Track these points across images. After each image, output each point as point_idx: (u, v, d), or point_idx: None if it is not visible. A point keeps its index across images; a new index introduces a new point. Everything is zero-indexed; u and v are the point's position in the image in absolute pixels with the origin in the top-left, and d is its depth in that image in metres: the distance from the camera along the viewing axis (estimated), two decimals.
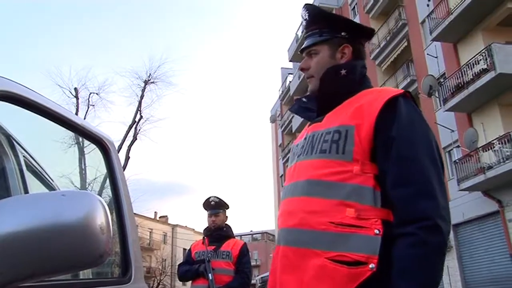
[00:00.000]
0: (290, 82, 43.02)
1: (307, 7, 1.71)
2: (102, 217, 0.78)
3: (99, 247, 0.77)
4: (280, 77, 48.53)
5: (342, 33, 1.64)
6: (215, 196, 4.69)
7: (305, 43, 1.69)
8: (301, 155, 1.55)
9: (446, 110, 19.82)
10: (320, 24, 1.67)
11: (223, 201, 4.69)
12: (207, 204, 4.65)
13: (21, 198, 0.82)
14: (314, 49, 1.66)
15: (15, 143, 1.41)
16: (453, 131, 20.56)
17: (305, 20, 1.71)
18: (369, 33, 1.74)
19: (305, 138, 1.59)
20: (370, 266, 1.27)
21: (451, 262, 20.52)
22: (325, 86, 1.61)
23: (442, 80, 20.68)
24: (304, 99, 1.73)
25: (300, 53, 1.76)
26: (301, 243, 1.40)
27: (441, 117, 21.31)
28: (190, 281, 4.57)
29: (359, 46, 1.69)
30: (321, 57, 1.64)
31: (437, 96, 20.65)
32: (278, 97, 46.96)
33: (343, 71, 1.60)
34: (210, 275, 4.25)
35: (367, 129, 1.39)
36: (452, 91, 18.97)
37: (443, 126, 21.10)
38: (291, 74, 43.60)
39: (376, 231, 1.31)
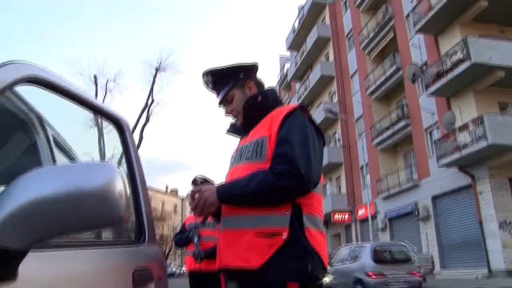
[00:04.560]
0: (287, 69, 42.81)
1: (208, 73, 1.96)
2: (120, 184, 0.81)
3: (118, 210, 0.80)
4: (278, 65, 48.36)
5: (241, 76, 1.94)
6: (200, 176, 4.68)
7: (220, 96, 1.96)
8: (234, 162, 1.88)
9: (427, 95, 19.81)
10: (224, 78, 1.94)
11: (209, 180, 4.66)
12: (195, 183, 4.65)
13: (53, 168, 0.85)
14: (229, 96, 1.94)
15: (44, 122, 1.44)
16: (434, 113, 20.56)
17: (211, 83, 1.98)
18: (257, 67, 2.02)
19: (237, 150, 1.90)
20: (284, 235, 1.57)
21: (429, 229, 20.70)
22: (248, 110, 1.89)
23: (424, 68, 20.61)
24: (236, 123, 2.01)
25: (219, 106, 2.00)
26: (235, 226, 1.68)
27: (423, 101, 21.30)
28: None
29: (256, 78, 2.00)
30: (237, 98, 1.93)
31: (420, 82, 20.60)
32: (276, 82, 46.79)
33: (259, 98, 1.90)
34: (195, 238, 4.61)
35: (274, 137, 1.70)
36: (433, 78, 18.93)
37: (425, 109, 21.10)
38: (289, 61, 43.39)
39: (286, 211, 1.61)
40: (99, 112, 1.53)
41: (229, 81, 1.93)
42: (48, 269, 0.96)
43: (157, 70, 26.97)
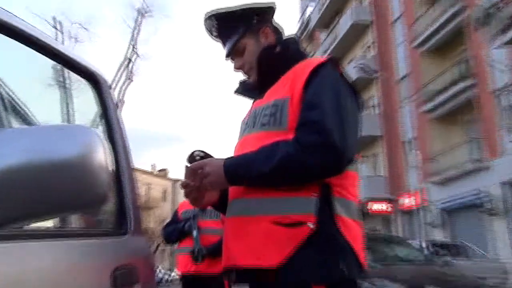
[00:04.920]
0: (310, 14, 42.36)
1: (212, 16, 1.94)
2: (101, 152, 0.81)
3: (102, 184, 0.80)
4: (298, 9, 47.93)
5: (254, 20, 1.93)
6: (200, 150, 4.57)
7: (227, 46, 1.96)
8: (246, 129, 1.90)
9: (501, 46, 19.38)
10: (232, 23, 1.93)
11: (209, 155, 4.54)
12: (192, 160, 4.55)
13: (12, 132, 0.83)
14: (239, 46, 1.93)
15: None
16: (507, 70, 20.17)
17: (216, 29, 1.97)
18: (274, 9, 1.99)
19: (250, 114, 1.91)
20: (309, 225, 1.57)
21: (501, 227, 20.44)
22: (264, 64, 1.90)
23: (497, 8, 20.15)
24: (248, 81, 2.01)
25: (226, 59, 1.99)
26: (246, 212, 1.70)
27: (494, 55, 20.84)
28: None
29: (273, 24, 1.99)
30: (249, 48, 1.92)
31: (490, 29, 20.22)
32: (297, 31, 46.40)
33: (278, 48, 1.91)
34: (195, 232, 4.52)
35: (297, 98, 1.70)
36: (509, 22, 18.53)
37: (497, 65, 20.70)
38: (312, 5, 42.90)
39: (313, 194, 1.61)
40: (69, 64, 1.52)
41: (239, 26, 1.92)
42: None
43: (140, 12, 26.84)
